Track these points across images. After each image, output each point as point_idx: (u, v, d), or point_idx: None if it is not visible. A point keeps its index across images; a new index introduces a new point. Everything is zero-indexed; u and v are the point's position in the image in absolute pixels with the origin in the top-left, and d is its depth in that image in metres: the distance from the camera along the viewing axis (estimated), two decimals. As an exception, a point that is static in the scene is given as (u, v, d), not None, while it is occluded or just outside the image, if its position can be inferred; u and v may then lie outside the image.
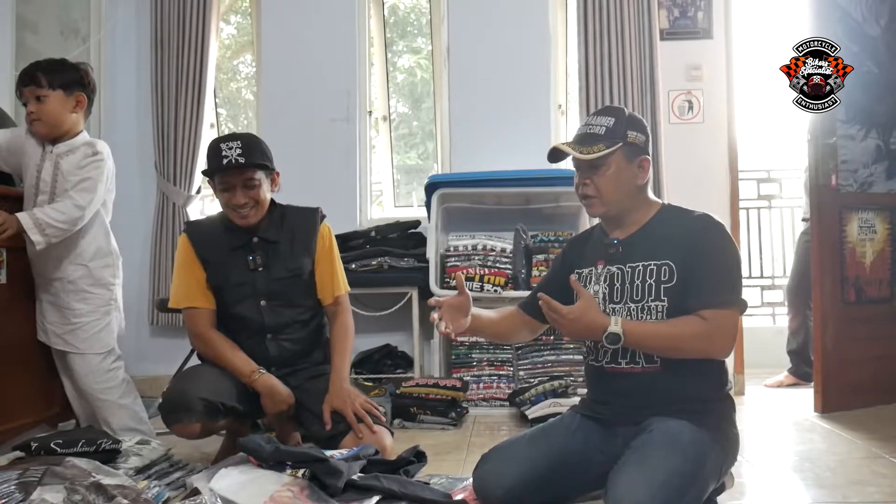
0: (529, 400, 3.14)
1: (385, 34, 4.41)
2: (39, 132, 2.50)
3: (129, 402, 2.62)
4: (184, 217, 3.94)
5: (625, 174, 1.81)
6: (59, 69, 2.50)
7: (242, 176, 2.29)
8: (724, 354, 1.78)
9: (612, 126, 1.82)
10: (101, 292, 2.58)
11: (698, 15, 3.86)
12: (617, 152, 1.80)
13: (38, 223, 2.33)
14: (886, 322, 3.38)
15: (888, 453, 2.51)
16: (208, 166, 2.33)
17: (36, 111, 2.47)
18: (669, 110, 3.86)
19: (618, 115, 1.85)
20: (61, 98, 2.48)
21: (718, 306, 1.70)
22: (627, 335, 1.67)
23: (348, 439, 2.24)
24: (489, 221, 3.75)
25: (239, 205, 2.30)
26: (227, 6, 4.89)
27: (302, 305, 2.45)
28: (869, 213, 3.39)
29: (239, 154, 2.26)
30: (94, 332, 2.56)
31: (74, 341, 2.54)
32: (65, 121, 2.51)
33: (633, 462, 1.60)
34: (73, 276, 2.54)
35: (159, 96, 3.98)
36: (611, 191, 1.81)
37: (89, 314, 2.55)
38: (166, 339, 3.99)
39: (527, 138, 3.86)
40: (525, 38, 3.97)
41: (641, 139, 1.83)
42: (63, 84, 2.49)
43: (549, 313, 1.73)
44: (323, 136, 4.00)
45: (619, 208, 1.85)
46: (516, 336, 2.10)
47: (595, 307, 1.72)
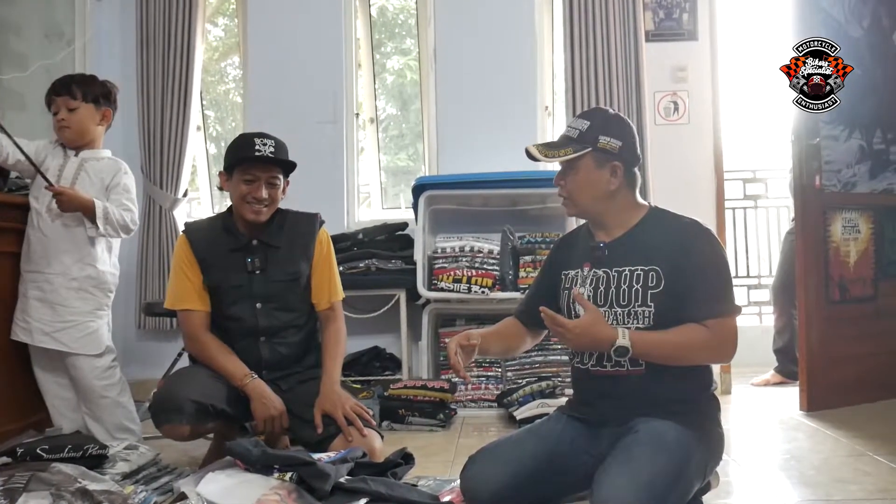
0: (517, 401, 3.15)
1: (372, 36, 4.42)
2: (67, 139, 2.64)
3: (125, 401, 2.66)
4: (171, 220, 3.93)
5: (594, 179, 1.82)
6: (91, 83, 2.69)
7: (269, 172, 2.36)
8: (729, 360, 1.83)
9: (584, 130, 1.83)
10: (99, 296, 2.63)
11: (683, 17, 3.89)
12: (585, 157, 1.81)
13: (105, 214, 2.52)
14: (870, 321, 3.42)
15: (872, 451, 2.54)
16: (236, 155, 2.36)
17: (66, 119, 2.62)
18: (655, 111, 3.88)
19: (594, 119, 1.86)
20: (91, 110, 2.65)
21: (719, 315, 1.73)
22: (636, 347, 1.69)
23: (338, 442, 2.25)
24: (476, 223, 3.76)
25: (259, 199, 2.34)
26: (214, 8, 4.89)
27: (297, 310, 2.47)
28: (852, 212, 3.42)
29: (272, 151, 2.33)
30: (88, 333, 2.58)
31: (66, 339, 2.55)
32: (91, 131, 2.67)
33: (618, 462, 1.61)
34: (79, 275, 2.58)
35: (145, 99, 3.97)
36: (580, 194, 1.84)
37: (85, 314, 2.58)
38: (153, 342, 3.97)
39: (514, 139, 3.85)
40: (511, 39, 3.98)
41: (615, 145, 1.81)
42: (94, 98, 2.66)
43: (554, 327, 1.74)
44: (310, 139, 3.98)
45: (592, 211, 1.87)
46: (521, 347, 2.09)
47: (601, 320, 1.73)
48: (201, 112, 4.31)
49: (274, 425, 2.32)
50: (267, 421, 2.30)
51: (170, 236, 3.90)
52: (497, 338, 1.99)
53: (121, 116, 4.05)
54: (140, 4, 3.99)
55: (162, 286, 3.79)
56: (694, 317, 1.73)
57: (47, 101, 2.67)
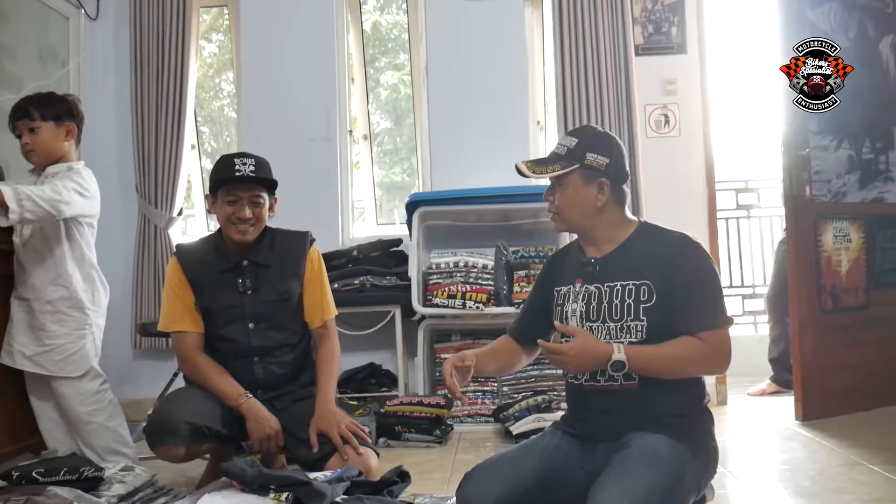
0: (514, 415, 3.15)
1: (364, 51, 4.44)
2: (35, 162, 2.63)
3: (115, 425, 2.64)
4: (165, 239, 3.93)
5: (582, 195, 1.84)
6: (49, 102, 2.64)
7: (251, 191, 2.36)
8: (724, 371, 1.85)
9: (572, 147, 1.85)
10: (77, 315, 2.61)
11: (672, 30, 3.92)
12: (573, 174, 1.83)
13: (16, 193, 2.36)
14: (863, 329, 3.44)
15: (866, 460, 2.55)
16: (217, 177, 2.38)
17: (30, 142, 2.60)
18: (646, 124, 3.91)
19: (582, 136, 1.88)
20: (52, 129, 2.61)
21: (712, 327, 1.74)
22: (631, 361, 1.70)
23: (334, 461, 2.24)
24: (470, 238, 3.78)
25: (243, 219, 2.35)
26: (208, 25, 4.91)
27: (290, 329, 2.47)
28: (843, 222, 3.45)
29: (252, 170, 2.34)
30: (67, 356, 2.57)
31: (46, 363, 2.55)
32: (57, 149, 2.63)
33: (612, 478, 1.62)
34: (53, 297, 2.56)
35: (139, 119, 3.98)
36: (568, 210, 1.86)
37: (64, 336, 2.57)
38: (149, 361, 3.97)
39: (507, 154, 3.84)
40: (502, 55, 4.02)
41: (602, 162, 1.83)
42: (54, 116, 2.62)
43: (552, 356, 1.76)
44: (304, 155, 4.00)
45: (580, 227, 1.89)
46: (517, 365, 2.09)
47: (592, 338, 1.75)
48: (195, 129, 4.32)
49: (270, 445, 2.32)
50: (263, 440, 2.30)
51: (164, 255, 3.90)
52: (492, 357, 2.00)
53: (115, 136, 4.11)
54: (134, 24, 4.02)
55: (157, 306, 3.79)
56: (687, 330, 1.74)
57: (10, 127, 2.65)
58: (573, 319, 1.84)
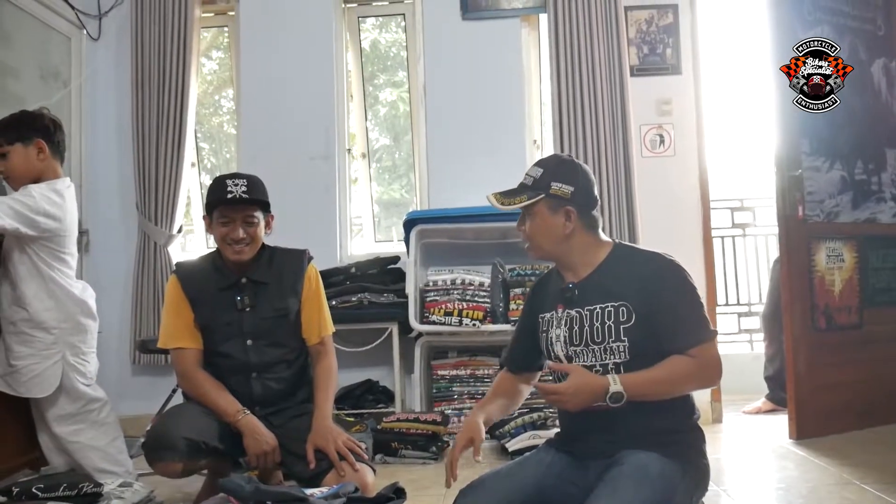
0: (509, 432, 3.17)
1: (363, 69, 4.49)
2: (13, 187, 2.59)
3: (102, 445, 2.62)
4: (165, 257, 3.96)
5: (549, 224, 1.88)
6: (11, 125, 2.59)
7: (244, 212, 2.39)
8: (717, 384, 1.90)
9: (538, 177, 1.89)
10: (41, 335, 2.54)
11: (667, 52, 3.98)
12: (539, 203, 1.87)
13: None
14: (856, 348, 3.46)
15: (858, 479, 2.57)
16: (210, 199, 2.41)
17: (4, 169, 2.58)
18: (641, 144, 3.96)
19: (547, 166, 1.92)
20: (21, 150, 2.56)
21: (700, 343, 1.78)
22: (628, 390, 1.72)
23: (330, 477, 2.27)
24: (467, 256, 3.82)
25: (237, 239, 2.38)
26: (209, 42, 4.96)
27: (287, 345, 2.50)
28: (836, 242, 3.48)
29: (244, 191, 2.36)
30: (32, 377, 2.52)
31: (14, 384, 2.54)
32: (31, 169, 2.58)
33: (603, 496, 1.64)
34: (15, 318, 2.54)
35: (140, 137, 4.02)
36: (539, 238, 1.90)
37: (28, 357, 2.53)
38: (148, 377, 3.98)
39: (504, 172, 3.86)
40: (499, 74, 4.07)
41: (566, 190, 1.86)
42: (18, 137, 2.56)
43: (550, 397, 1.80)
44: (302, 173, 4.04)
45: (553, 254, 1.93)
46: (520, 399, 2.13)
47: (587, 373, 1.78)
48: (196, 148, 4.36)
49: (267, 461, 2.34)
50: (260, 456, 2.32)
51: (164, 272, 3.91)
52: (496, 403, 2.04)
53: (116, 154, 4.15)
54: (135, 43, 4.06)
55: (156, 323, 3.82)
56: (676, 348, 1.77)
57: None
58: (558, 345, 1.88)
